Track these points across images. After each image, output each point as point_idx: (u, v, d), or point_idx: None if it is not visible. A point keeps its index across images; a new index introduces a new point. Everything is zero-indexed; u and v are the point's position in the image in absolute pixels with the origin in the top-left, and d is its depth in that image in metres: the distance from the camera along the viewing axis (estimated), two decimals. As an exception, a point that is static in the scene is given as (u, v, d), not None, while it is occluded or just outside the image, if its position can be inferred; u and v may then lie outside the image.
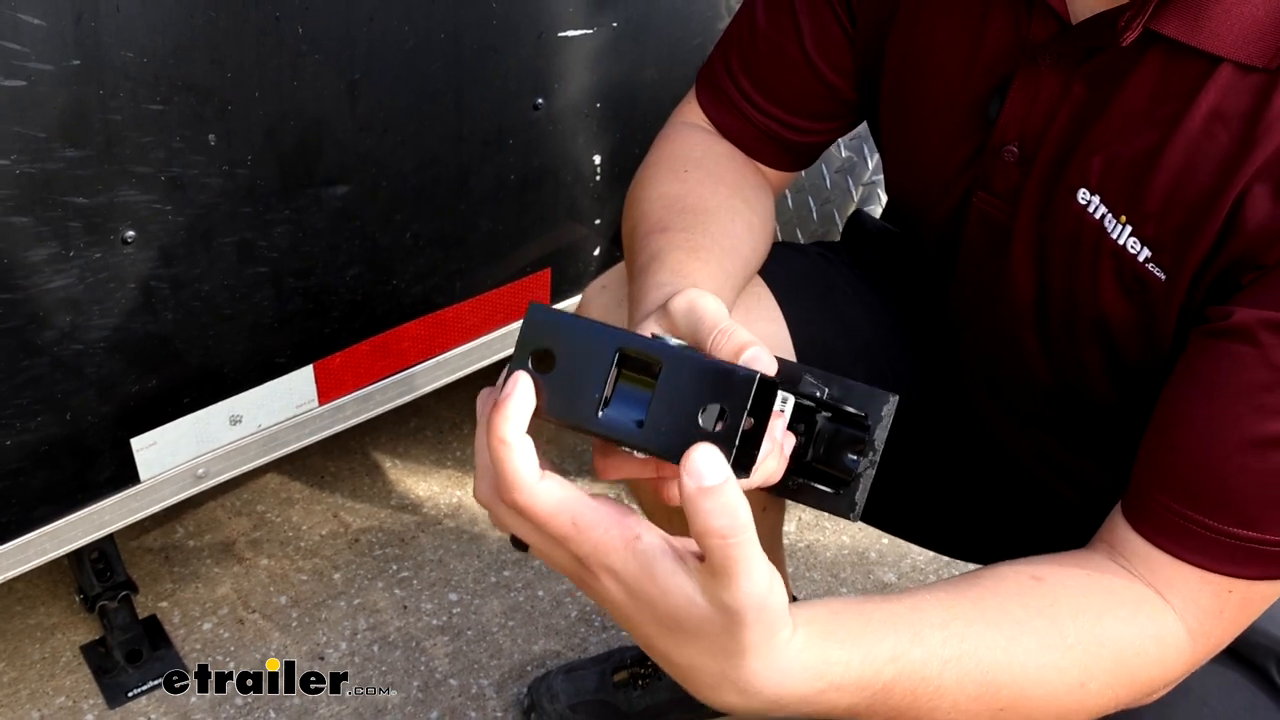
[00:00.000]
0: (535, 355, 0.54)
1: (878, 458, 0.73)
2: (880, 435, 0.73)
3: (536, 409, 0.54)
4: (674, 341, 0.57)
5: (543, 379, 0.54)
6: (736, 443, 0.52)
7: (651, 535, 0.53)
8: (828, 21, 0.95)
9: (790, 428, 0.72)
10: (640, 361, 0.54)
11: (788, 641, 0.56)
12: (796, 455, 0.74)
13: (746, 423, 0.56)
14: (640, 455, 0.58)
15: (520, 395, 0.53)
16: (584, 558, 0.54)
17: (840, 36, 0.95)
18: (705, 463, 0.49)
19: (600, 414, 0.54)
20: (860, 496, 0.73)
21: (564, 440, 1.92)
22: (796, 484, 0.75)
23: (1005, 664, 0.66)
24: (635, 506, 0.64)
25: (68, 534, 1.27)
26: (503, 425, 0.52)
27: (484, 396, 0.56)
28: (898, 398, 0.72)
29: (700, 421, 0.52)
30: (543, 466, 0.55)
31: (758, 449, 0.60)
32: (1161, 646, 0.71)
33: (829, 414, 0.75)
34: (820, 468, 0.75)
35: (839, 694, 0.60)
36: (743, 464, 0.58)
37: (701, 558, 0.52)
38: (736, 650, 0.54)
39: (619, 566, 0.54)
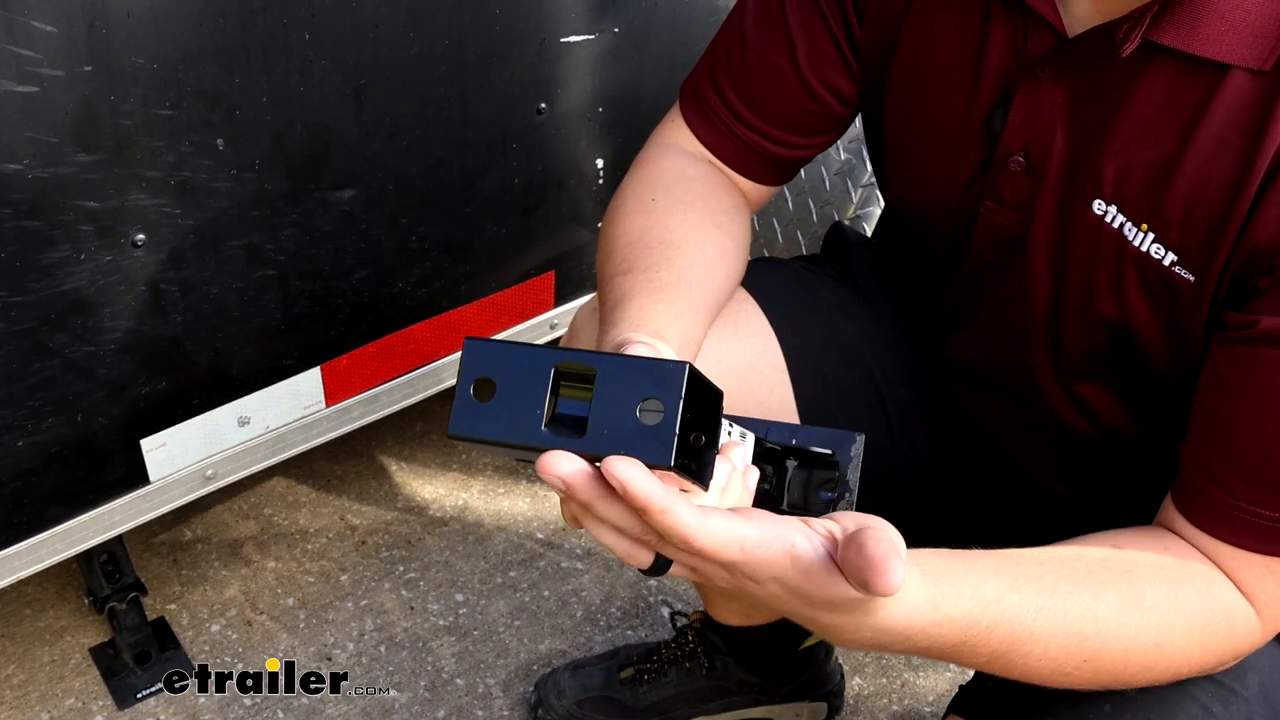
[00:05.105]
0: (477, 384, 0.57)
1: (854, 497, 0.75)
2: (853, 475, 0.75)
3: (486, 439, 0.56)
4: None
5: (485, 406, 0.56)
6: (677, 430, 0.54)
7: (805, 542, 0.59)
8: (822, 37, 0.94)
9: (757, 465, 0.74)
10: (578, 375, 0.56)
11: (907, 584, 0.62)
12: (772, 502, 0.76)
13: (696, 439, 0.58)
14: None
15: (647, 481, 0.55)
16: (750, 574, 0.60)
17: (835, 53, 0.95)
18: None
19: (544, 428, 0.56)
20: None
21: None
22: None
23: (1090, 618, 0.71)
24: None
25: (78, 534, 1.28)
26: (661, 505, 0.55)
27: (583, 482, 0.58)
28: (863, 436, 0.76)
29: (639, 418, 0.54)
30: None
31: (711, 463, 0.61)
32: (1231, 620, 0.75)
33: (797, 460, 0.76)
34: (797, 511, 0.76)
35: (952, 627, 0.66)
36: (695, 473, 0.59)
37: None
38: (875, 609, 0.61)
39: (782, 576, 0.60)
